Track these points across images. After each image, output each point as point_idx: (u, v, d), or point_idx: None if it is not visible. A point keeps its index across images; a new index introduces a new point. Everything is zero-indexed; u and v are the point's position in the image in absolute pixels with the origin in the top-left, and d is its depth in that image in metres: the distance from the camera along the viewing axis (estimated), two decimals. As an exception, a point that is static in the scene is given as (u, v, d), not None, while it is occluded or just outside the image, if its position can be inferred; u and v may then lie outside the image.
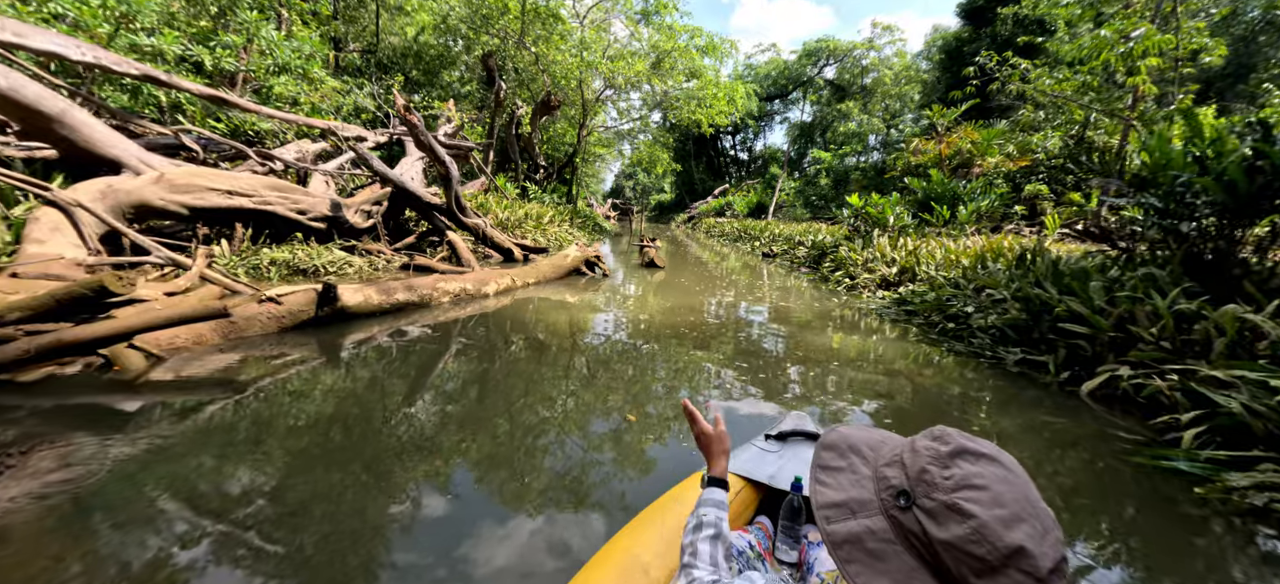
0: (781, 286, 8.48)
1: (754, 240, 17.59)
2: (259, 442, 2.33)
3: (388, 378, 3.23)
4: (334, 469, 2.13)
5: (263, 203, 6.53)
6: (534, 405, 2.99)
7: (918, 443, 0.64)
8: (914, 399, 3.44)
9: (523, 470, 2.25)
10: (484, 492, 2.08)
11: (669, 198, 56.59)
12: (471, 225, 8.66)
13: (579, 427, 2.74)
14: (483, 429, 2.63)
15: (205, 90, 7.18)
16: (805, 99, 45.87)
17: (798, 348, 4.59)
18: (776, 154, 46.27)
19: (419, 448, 2.37)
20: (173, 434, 2.33)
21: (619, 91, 20.29)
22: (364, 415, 2.68)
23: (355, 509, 1.88)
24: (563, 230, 13.78)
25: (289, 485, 1.99)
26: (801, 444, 1.78)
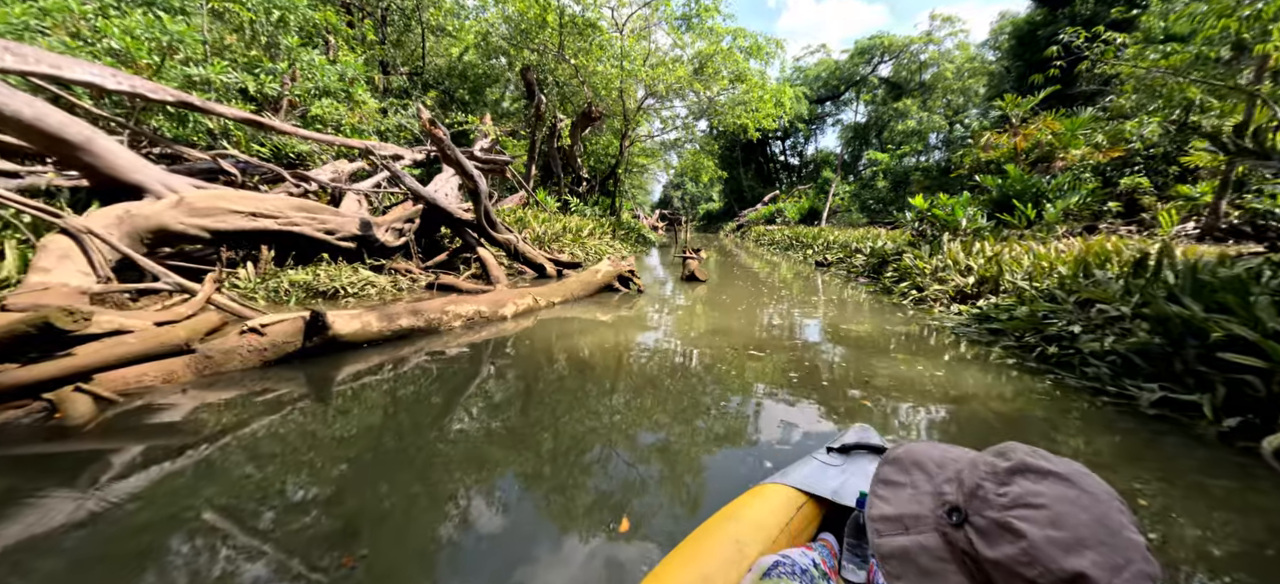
0: (837, 299, 7.61)
1: (806, 248, 16.54)
2: (181, 518, 1.88)
3: (360, 430, 2.76)
4: (262, 560, 1.64)
5: (288, 224, 6.40)
6: (530, 466, 2.43)
7: (980, 458, 0.63)
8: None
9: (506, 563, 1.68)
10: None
11: (717, 206, 55.60)
12: (502, 241, 8.33)
13: (569, 503, 2.15)
14: (471, 501, 2.09)
15: (241, 114, 7.21)
16: (858, 99, 43.95)
17: (860, 375, 3.82)
18: (829, 157, 44.49)
19: (379, 521, 1.85)
20: (77, 510, 1.92)
21: (661, 100, 19.82)
22: (315, 480, 2.20)
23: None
24: (603, 243, 13.35)
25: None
26: (866, 458, 1.68)
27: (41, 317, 2.56)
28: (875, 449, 1.72)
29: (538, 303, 5.57)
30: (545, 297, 5.77)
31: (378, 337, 4.00)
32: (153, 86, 6.35)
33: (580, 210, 16.19)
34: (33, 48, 5.33)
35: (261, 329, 3.42)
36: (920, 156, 32.60)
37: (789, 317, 6.21)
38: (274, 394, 3.06)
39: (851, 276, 10.44)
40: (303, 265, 6.59)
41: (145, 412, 2.73)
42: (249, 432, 2.58)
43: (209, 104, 6.94)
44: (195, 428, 2.59)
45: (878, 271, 9.60)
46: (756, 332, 5.27)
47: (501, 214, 11.71)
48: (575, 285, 6.29)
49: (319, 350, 3.64)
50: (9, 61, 5.21)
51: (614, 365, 3.94)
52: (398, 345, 4.11)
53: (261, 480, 2.16)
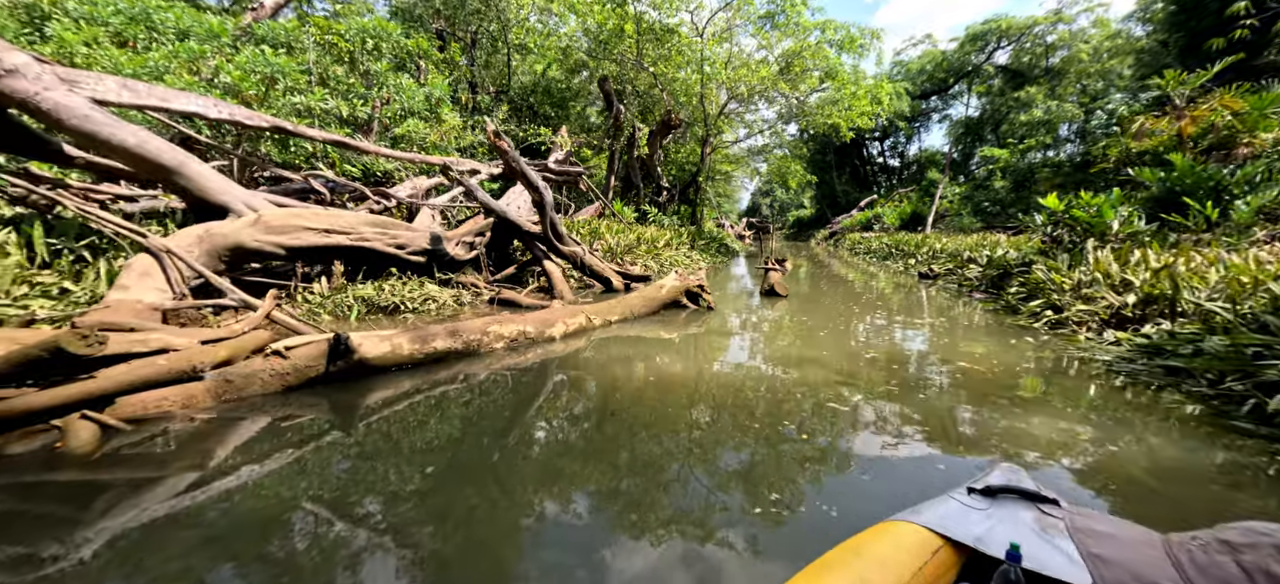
0: (948, 320, 6.43)
1: (908, 257, 14.84)
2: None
3: (357, 484, 2.41)
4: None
5: (360, 239, 6.52)
6: (552, 532, 1.91)
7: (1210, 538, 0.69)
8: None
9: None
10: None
11: (808, 213, 52.88)
12: (568, 253, 8.04)
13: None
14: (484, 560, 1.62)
15: (328, 136, 7.55)
16: (970, 92, 39.76)
17: (987, 427, 2.92)
18: (935, 157, 40.69)
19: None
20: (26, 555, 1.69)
21: (744, 103, 18.95)
22: (310, 543, 1.84)
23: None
24: (679, 254, 12.78)
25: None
26: (1016, 504, 1.43)
27: (52, 341, 2.48)
28: (1032, 496, 1.48)
29: (591, 322, 5.12)
30: (601, 315, 5.30)
31: (409, 360, 3.73)
32: (249, 114, 6.78)
33: (658, 220, 15.76)
34: (144, 83, 5.83)
35: (285, 352, 3.24)
36: (1048, 151, 28.60)
37: (887, 341, 5.23)
38: (281, 430, 2.82)
39: (964, 291, 8.99)
40: (372, 280, 6.69)
41: (144, 444, 2.57)
42: (239, 480, 2.31)
43: (299, 128, 7.33)
44: (184, 470, 2.37)
45: (998, 286, 8.13)
46: (846, 360, 4.42)
47: (575, 226, 11.56)
48: (636, 302, 5.78)
49: (344, 375, 3.42)
50: (124, 96, 5.72)
51: (664, 403, 3.35)
52: (432, 370, 3.82)
53: (236, 549, 1.84)
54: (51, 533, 1.86)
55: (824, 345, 4.91)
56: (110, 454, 2.46)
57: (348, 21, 10.37)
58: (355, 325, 5.38)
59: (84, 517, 1.97)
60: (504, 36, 16.36)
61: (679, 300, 6.41)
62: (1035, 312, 6.10)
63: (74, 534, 1.85)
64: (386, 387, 3.49)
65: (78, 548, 1.78)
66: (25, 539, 1.83)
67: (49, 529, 1.88)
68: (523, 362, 4.17)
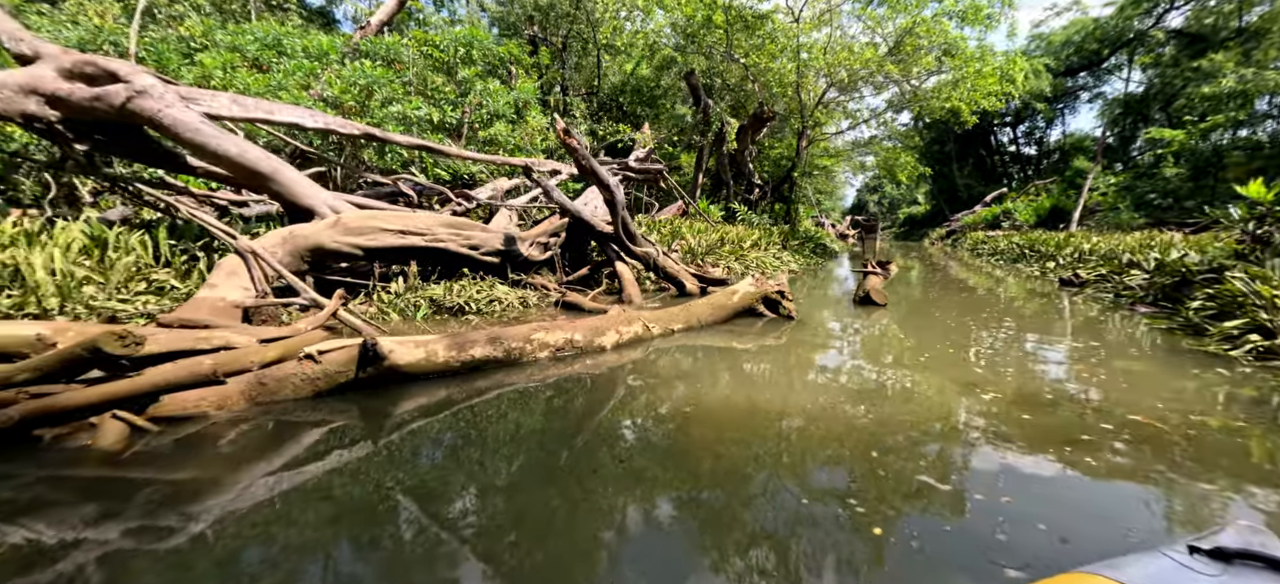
0: (1101, 341, 5.14)
1: (1046, 259, 12.66)
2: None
3: (366, 498, 2.18)
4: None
5: (434, 240, 6.63)
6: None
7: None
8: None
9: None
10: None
11: (922, 210, 48.16)
12: (641, 254, 7.67)
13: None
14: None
15: (411, 141, 7.84)
16: (1132, 64, 33.67)
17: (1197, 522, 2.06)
18: (1083, 142, 35.14)
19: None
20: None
21: (846, 92, 17.42)
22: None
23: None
24: (767, 255, 11.92)
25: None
26: (1261, 576, 1.10)
27: (92, 341, 2.53)
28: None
29: (649, 331, 4.66)
30: (661, 323, 4.83)
31: (444, 369, 3.53)
32: (343, 123, 7.18)
33: (747, 219, 14.93)
34: (252, 98, 6.36)
35: (317, 356, 3.16)
36: (1239, 129, 23.28)
37: (1015, 369, 4.22)
38: (305, 436, 2.70)
39: (1122, 303, 7.31)
40: (447, 279, 6.78)
41: (169, 446, 2.55)
42: (253, 491, 2.18)
43: (387, 134, 7.67)
44: (202, 475, 2.29)
45: (1173, 298, 6.46)
46: (952, 396, 3.56)
47: (656, 226, 11.19)
48: (703, 309, 5.23)
49: (376, 382, 3.28)
50: (235, 110, 6.25)
51: (716, 437, 2.82)
52: (469, 379, 3.60)
53: (202, 568, 1.65)
54: (31, 528, 1.79)
55: (926, 373, 4.04)
56: (136, 454, 2.45)
57: (443, 32, 10.86)
58: (421, 325, 5.40)
59: (67, 516, 1.90)
60: (593, 37, 16.44)
61: (754, 308, 5.76)
62: (1231, 334, 4.65)
63: (55, 532, 1.77)
64: (419, 395, 3.30)
65: (48, 547, 1.67)
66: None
67: (30, 523, 1.82)
68: (567, 374, 3.82)
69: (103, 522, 1.94)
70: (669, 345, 4.65)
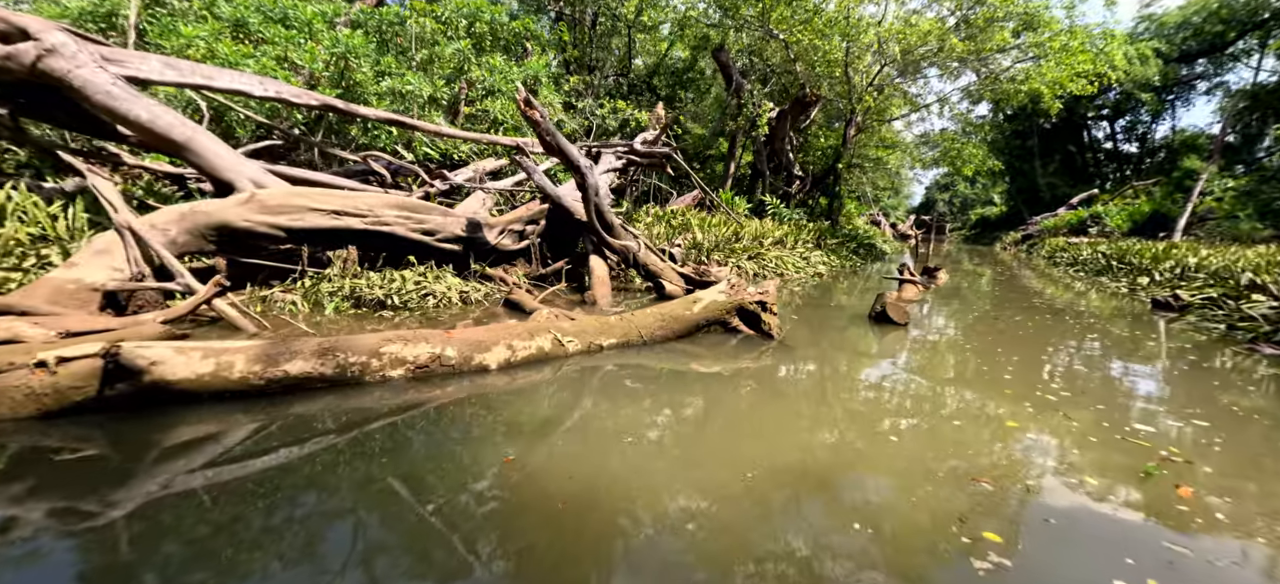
0: (1213, 404, 3.65)
1: (1138, 274, 10.51)
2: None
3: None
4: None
5: (377, 223, 5.88)
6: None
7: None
8: None
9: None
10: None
11: (998, 211, 43.87)
12: (619, 247, 6.63)
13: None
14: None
15: (380, 114, 7.17)
16: (1264, 49, 28.75)
17: None
18: (1196, 140, 30.64)
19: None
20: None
21: (907, 75, 15.46)
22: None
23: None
24: (793, 255, 10.53)
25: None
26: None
27: None
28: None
29: (561, 347, 3.64)
30: (585, 337, 3.80)
31: (242, 388, 2.67)
32: (296, 92, 6.57)
33: (778, 213, 13.47)
34: (189, 62, 5.82)
35: (53, 364, 2.38)
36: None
37: (1074, 452, 2.90)
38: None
39: (1239, 337, 5.54)
40: (395, 268, 6.04)
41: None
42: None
43: (351, 106, 7.02)
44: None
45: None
46: (953, 517, 2.35)
47: (666, 216, 10.08)
48: (649, 322, 4.14)
49: (135, 402, 2.47)
50: (169, 75, 5.72)
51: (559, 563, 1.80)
52: (282, 403, 2.73)
53: None
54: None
55: (927, 453, 2.80)
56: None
57: (444, 2, 10.18)
58: (330, 322, 4.65)
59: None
60: (620, 10, 15.36)
61: (726, 321, 4.60)
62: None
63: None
64: (193, 425, 2.47)
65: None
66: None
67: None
68: (423, 403, 2.89)
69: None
70: (588, 368, 3.62)
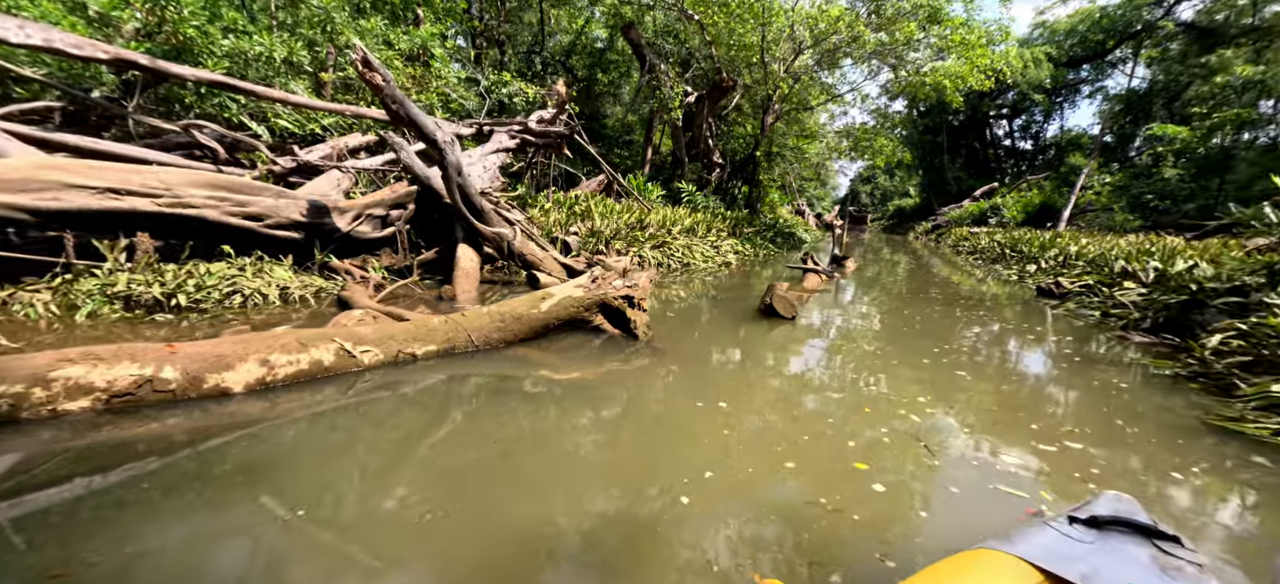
0: (1078, 404, 3.44)
1: (1027, 262, 10.96)
2: None
3: None
4: None
5: (176, 205, 4.78)
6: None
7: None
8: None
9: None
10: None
11: (912, 203, 46.44)
12: (491, 235, 5.86)
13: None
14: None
15: (200, 75, 5.97)
16: (1137, 57, 31.79)
17: None
18: (1080, 139, 33.55)
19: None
20: None
21: (823, 64, 15.49)
22: None
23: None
24: (703, 243, 10.14)
25: None
26: (1128, 540, 1.28)
27: None
28: (1147, 531, 1.30)
29: (351, 360, 2.87)
30: (386, 346, 3.04)
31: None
32: (75, 41, 5.28)
33: (694, 201, 13.08)
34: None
35: None
36: (1242, 132, 21.55)
37: (947, 465, 2.49)
38: None
39: (1111, 324, 5.61)
40: (211, 259, 4.97)
41: None
42: None
43: (157, 63, 5.78)
44: None
45: (1180, 325, 4.76)
46: (801, 542, 1.83)
47: (566, 202, 9.36)
48: (482, 324, 3.44)
49: None
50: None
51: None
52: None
53: None
54: None
55: (790, 465, 2.30)
56: None
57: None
58: (89, 328, 3.60)
59: None
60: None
61: (587, 319, 3.98)
62: (1270, 393, 2.94)
63: None
64: None
65: None
66: None
67: None
68: (98, 451, 2.05)
69: None
70: (387, 384, 2.87)
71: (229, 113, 7.50)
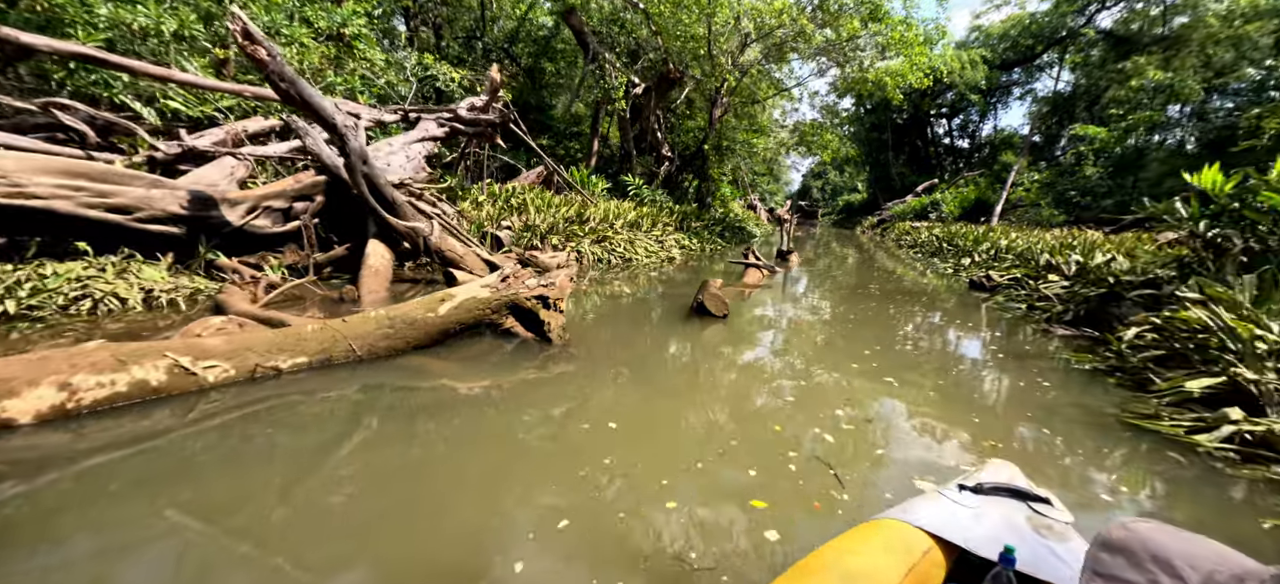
0: (1005, 392, 3.37)
1: (963, 255, 11.28)
2: None
3: None
4: None
5: (14, 195, 4.09)
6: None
7: (1256, 567, 0.48)
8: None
9: None
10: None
11: (860, 198, 47.91)
12: (405, 230, 5.38)
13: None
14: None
15: (55, 45, 5.19)
16: (1062, 63, 33.81)
17: None
18: (1012, 138, 35.34)
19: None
20: None
21: (770, 58, 15.49)
22: None
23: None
24: (648, 238, 9.88)
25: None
26: (1008, 502, 1.40)
27: None
28: (1023, 495, 1.42)
29: (191, 378, 2.42)
30: (240, 360, 2.59)
31: None
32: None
33: (640, 194, 12.80)
34: None
35: None
36: (1154, 134, 23.18)
37: (866, 482, 2.28)
38: None
39: (1037, 317, 5.70)
40: (67, 258, 4.29)
41: None
42: None
43: (5, 31, 4.97)
44: None
45: (1098, 318, 4.85)
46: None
47: (501, 195, 8.88)
48: (369, 329, 3.02)
49: None
50: None
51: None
52: None
53: None
54: None
55: (671, 505, 2.03)
56: None
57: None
58: None
59: None
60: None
61: (495, 322, 3.62)
62: (1191, 396, 2.92)
63: None
64: None
65: None
66: None
67: None
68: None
69: None
70: (238, 405, 2.44)
71: (112, 93, 6.65)
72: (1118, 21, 31.44)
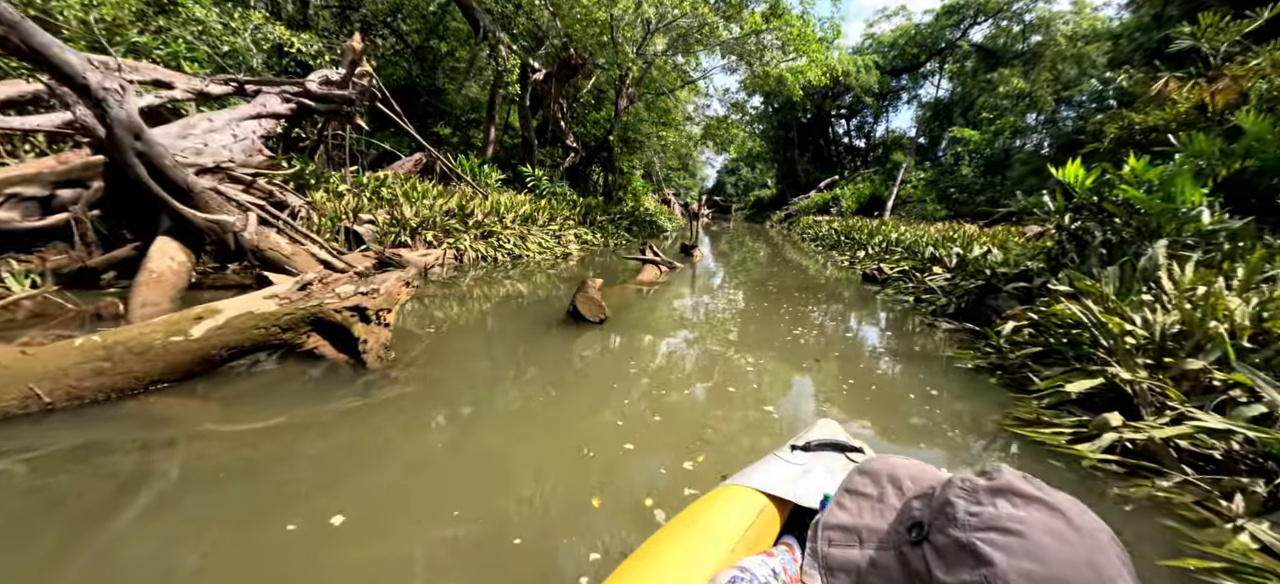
0: (889, 391, 3.08)
1: (857, 248, 11.62)
2: None
3: None
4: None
5: None
6: None
7: (960, 475, 0.53)
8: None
9: None
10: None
11: (770, 193, 49.87)
12: (205, 224, 4.31)
13: None
14: None
15: None
16: (942, 71, 37.02)
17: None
18: (902, 139, 38.10)
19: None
20: None
21: (676, 48, 15.20)
22: None
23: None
24: (544, 232, 9.15)
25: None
26: (831, 456, 1.49)
27: None
28: (841, 447, 1.53)
29: None
30: None
31: None
32: None
33: (539, 185, 12.01)
34: None
35: None
36: (1016, 139, 25.93)
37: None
38: None
39: (923, 309, 5.70)
40: None
41: None
42: None
43: None
44: None
45: (977, 311, 4.84)
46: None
47: (369, 184, 7.77)
48: (68, 362, 2.11)
49: None
50: None
51: None
52: None
53: None
54: None
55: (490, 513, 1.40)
56: None
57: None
58: None
59: None
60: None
61: (292, 342, 2.79)
62: (1069, 397, 2.76)
63: None
64: None
65: None
66: None
67: None
68: None
69: None
70: None
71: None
72: (987, 36, 34.67)
